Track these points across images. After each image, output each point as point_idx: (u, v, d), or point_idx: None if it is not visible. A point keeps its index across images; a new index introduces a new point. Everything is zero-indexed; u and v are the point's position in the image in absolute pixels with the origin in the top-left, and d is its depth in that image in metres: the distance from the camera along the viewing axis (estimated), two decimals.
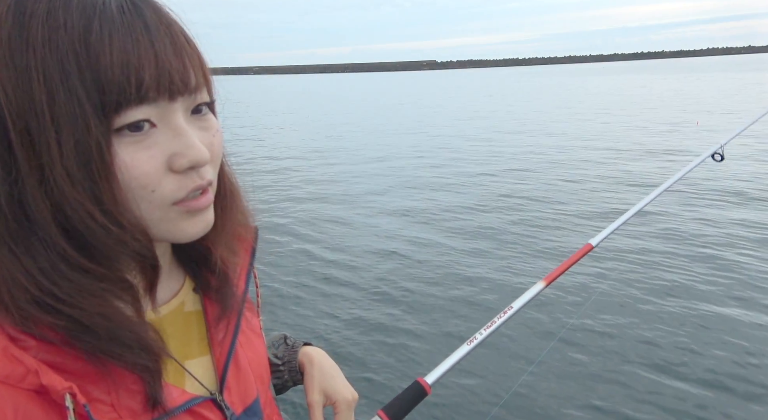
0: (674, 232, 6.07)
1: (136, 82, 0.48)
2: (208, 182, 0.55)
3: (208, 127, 0.56)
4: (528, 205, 7.62)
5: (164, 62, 0.50)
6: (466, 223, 6.95)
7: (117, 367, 0.52)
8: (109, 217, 0.49)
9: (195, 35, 0.57)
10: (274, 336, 0.96)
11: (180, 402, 0.58)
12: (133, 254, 0.52)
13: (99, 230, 0.49)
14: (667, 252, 5.52)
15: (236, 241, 0.68)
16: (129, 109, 0.49)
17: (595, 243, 1.34)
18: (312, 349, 0.94)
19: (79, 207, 0.48)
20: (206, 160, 0.53)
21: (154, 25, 0.51)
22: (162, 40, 0.50)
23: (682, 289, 4.72)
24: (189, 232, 0.55)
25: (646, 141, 12.45)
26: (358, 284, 5.23)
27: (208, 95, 0.57)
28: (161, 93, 0.50)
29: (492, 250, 5.95)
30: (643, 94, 29.22)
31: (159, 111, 0.51)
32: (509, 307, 1.31)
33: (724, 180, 7.98)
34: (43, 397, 0.48)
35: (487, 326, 1.24)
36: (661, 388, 3.39)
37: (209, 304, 0.67)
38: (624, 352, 3.79)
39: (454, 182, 9.37)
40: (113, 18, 0.48)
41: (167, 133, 0.52)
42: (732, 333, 3.98)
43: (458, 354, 1.18)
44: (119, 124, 0.49)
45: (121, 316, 0.51)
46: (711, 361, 3.64)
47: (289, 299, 4.90)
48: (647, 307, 4.43)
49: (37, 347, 0.49)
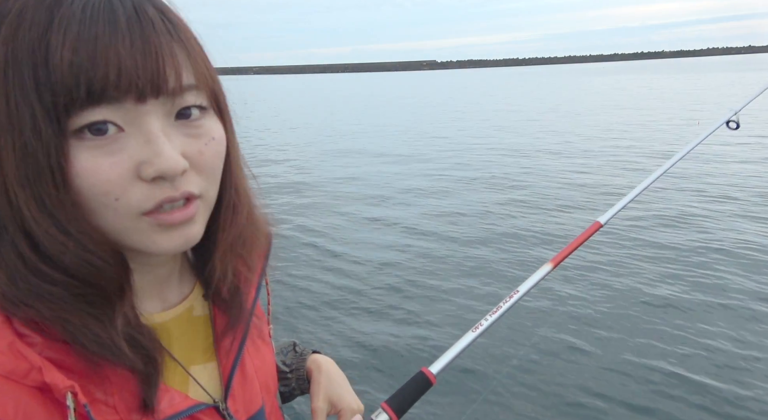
0: (690, 206, 6.00)
1: (86, 83, 0.45)
2: (184, 193, 0.51)
3: (200, 134, 0.52)
4: (532, 188, 7.57)
5: (127, 61, 0.47)
6: (469, 207, 6.91)
7: (112, 367, 0.51)
8: (54, 223, 0.47)
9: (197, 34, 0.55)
10: (283, 343, 0.95)
11: (181, 408, 0.57)
12: (79, 263, 0.49)
13: (43, 235, 0.47)
14: (681, 227, 5.45)
15: (249, 250, 0.66)
16: (82, 111, 0.46)
17: (604, 220, 1.27)
18: (321, 357, 0.93)
19: (28, 211, 0.47)
20: (176, 171, 0.49)
21: (126, 21, 0.47)
22: (129, 38, 0.47)
23: (696, 267, 4.67)
24: (164, 246, 0.52)
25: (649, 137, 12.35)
26: (359, 272, 5.20)
27: (205, 98, 0.53)
28: (124, 94, 0.47)
29: (496, 233, 5.90)
30: (648, 93, 28.95)
31: (125, 114, 0.48)
32: (515, 291, 1.26)
33: (740, 148, 7.82)
34: (44, 395, 0.48)
35: (493, 312, 1.19)
36: (664, 370, 3.35)
37: (218, 312, 0.66)
38: (634, 333, 3.75)
39: (456, 169, 9.33)
40: (74, 14, 0.46)
41: (137, 138, 0.48)
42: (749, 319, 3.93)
43: (463, 342, 1.13)
44: (74, 126, 0.46)
45: (83, 320, 0.49)
46: (716, 350, 3.60)
47: (290, 286, 4.87)
48: (662, 290, 4.37)
49: (43, 344, 0.49)
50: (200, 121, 0.53)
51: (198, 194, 0.52)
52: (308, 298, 4.74)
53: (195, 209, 0.52)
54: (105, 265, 0.50)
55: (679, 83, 38.86)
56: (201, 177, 0.53)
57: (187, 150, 0.51)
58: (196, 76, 0.52)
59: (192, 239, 0.54)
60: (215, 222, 0.58)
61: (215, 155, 0.54)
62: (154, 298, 0.60)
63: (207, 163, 0.53)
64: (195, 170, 0.52)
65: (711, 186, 6.79)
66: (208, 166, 0.53)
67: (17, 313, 0.48)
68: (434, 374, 1.09)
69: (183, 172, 0.50)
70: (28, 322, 0.49)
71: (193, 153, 0.51)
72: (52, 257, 0.48)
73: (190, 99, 0.51)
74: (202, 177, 0.53)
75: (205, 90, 0.53)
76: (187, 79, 0.51)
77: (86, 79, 0.45)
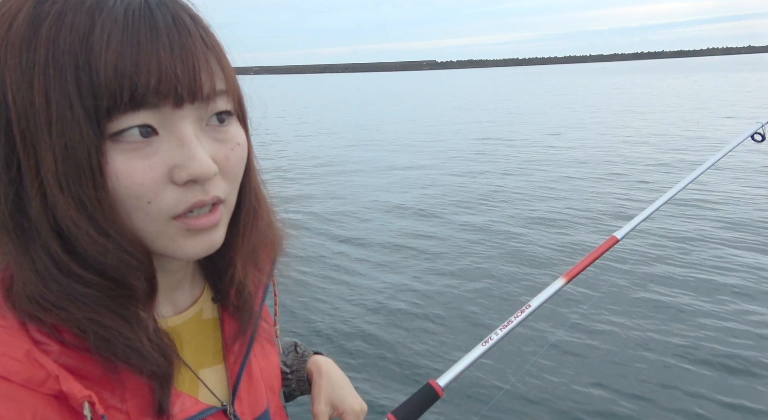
0: (711, 221, 5.89)
1: (130, 88, 0.46)
2: (214, 198, 0.52)
3: (226, 139, 0.53)
4: (548, 200, 7.51)
5: (167, 67, 0.48)
6: (484, 218, 6.87)
7: (130, 373, 0.52)
8: (94, 225, 0.48)
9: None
10: (285, 343, 0.95)
11: (193, 412, 0.58)
12: (118, 264, 0.49)
13: (83, 237, 0.48)
14: (701, 242, 5.35)
15: (262, 255, 0.66)
16: (123, 115, 0.47)
17: (620, 236, 1.25)
18: (321, 358, 0.93)
19: (66, 212, 0.47)
20: (209, 175, 0.50)
21: (166, 28, 0.49)
22: (169, 44, 0.48)
23: (714, 284, 4.59)
24: (188, 251, 0.53)
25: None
26: (370, 279, 5.18)
27: (231, 104, 0.54)
28: (163, 99, 0.48)
29: (510, 245, 5.85)
30: (653, 93, 28.67)
31: (162, 118, 0.49)
32: (527, 305, 1.24)
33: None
34: (61, 403, 0.48)
35: (504, 326, 1.17)
36: (676, 382, 3.28)
37: (227, 316, 0.66)
38: (645, 345, 3.68)
39: (471, 177, 9.30)
40: (117, 20, 0.47)
41: (171, 142, 0.49)
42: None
43: (472, 355, 1.11)
44: (113, 129, 0.47)
45: (114, 322, 0.50)
46: (729, 356, 3.52)
47: (299, 295, 4.86)
48: (680, 303, 4.30)
49: (59, 352, 0.49)
50: (227, 126, 0.54)
51: (223, 199, 0.53)
52: (314, 303, 4.73)
53: (220, 215, 0.53)
54: (141, 267, 0.51)
55: (680, 83, 38.04)
56: (226, 182, 0.53)
57: (215, 155, 0.52)
58: (227, 82, 0.53)
59: (215, 244, 0.54)
60: (235, 227, 0.59)
61: (239, 161, 0.55)
62: (166, 303, 0.61)
63: (232, 169, 0.54)
64: (221, 175, 0.53)
65: (734, 200, 6.66)
66: (233, 172, 0.54)
67: (46, 317, 0.48)
68: (442, 387, 1.07)
69: (214, 176, 0.51)
70: (50, 328, 0.49)
71: (221, 158, 0.52)
72: (86, 259, 0.48)
73: (221, 105, 0.53)
74: (226, 182, 0.54)
75: (232, 96, 0.54)
76: (220, 86, 0.52)
77: (130, 83, 0.46)
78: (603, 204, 7.27)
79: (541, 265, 5.29)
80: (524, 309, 1.24)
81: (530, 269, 5.23)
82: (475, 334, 4.05)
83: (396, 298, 4.78)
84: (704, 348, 3.70)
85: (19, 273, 0.48)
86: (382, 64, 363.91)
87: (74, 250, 0.48)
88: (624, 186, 8.22)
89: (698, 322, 4.05)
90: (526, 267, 5.28)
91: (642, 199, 7.20)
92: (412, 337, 4.09)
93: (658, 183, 8.11)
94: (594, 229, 6.29)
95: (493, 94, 37.08)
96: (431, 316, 4.40)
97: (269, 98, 15.43)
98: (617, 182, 8.47)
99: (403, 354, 3.85)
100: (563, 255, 5.50)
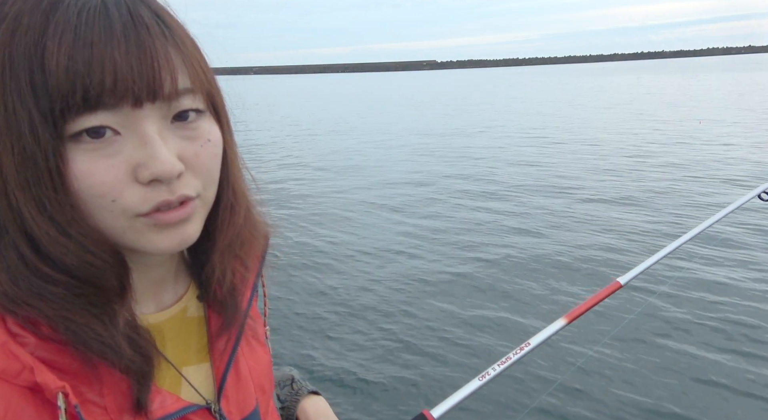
0: (712, 275, 5.84)
1: (82, 89, 0.46)
2: (181, 197, 0.51)
3: (195, 136, 0.53)
4: (556, 236, 7.47)
5: (122, 67, 0.47)
6: (490, 250, 6.84)
7: (110, 368, 0.51)
8: (54, 225, 0.48)
9: (194, 35, 0.55)
10: (284, 374, 0.94)
11: (173, 409, 0.57)
12: (80, 264, 0.49)
13: (45, 238, 0.48)
14: (701, 297, 5.30)
15: (247, 251, 0.66)
16: (79, 116, 0.47)
17: (624, 282, 1.26)
18: (312, 405, 0.91)
19: (27, 213, 0.47)
20: (172, 174, 0.50)
21: (121, 26, 0.48)
22: (125, 43, 0.47)
23: (715, 338, 4.52)
24: (159, 245, 0.52)
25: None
26: (366, 306, 5.15)
27: (201, 101, 0.54)
28: (121, 99, 0.47)
29: (514, 281, 5.82)
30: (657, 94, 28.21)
31: (122, 118, 0.48)
32: (527, 344, 1.25)
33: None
34: (36, 395, 0.48)
35: (502, 362, 1.18)
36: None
37: (213, 313, 0.66)
38: (647, 397, 3.62)
39: (475, 203, 9.27)
40: (70, 20, 0.47)
41: (134, 141, 0.49)
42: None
43: (468, 388, 1.11)
44: (71, 131, 0.47)
45: (85, 319, 0.50)
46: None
47: (291, 320, 4.84)
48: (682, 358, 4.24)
49: (36, 344, 0.49)
50: (196, 123, 0.53)
51: (194, 196, 0.53)
52: (306, 329, 4.70)
53: (192, 209, 0.53)
54: (105, 266, 0.51)
55: (681, 83, 36.58)
56: (198, 179, 0.53)
57: (183, 152, 0.51)
58: (192, 79, 0.52)
59: (188, 239, 0.54)
60: (213, 222, 0.59)
61: (211, 157, 0.54)
62: (149, 299, 0.60)
63: (203, 165, 0.53)
64: (192, 172, 0.52)
65: (740, 253, 6.61)
66: (205, 168, 0.54)
67: (19, 312, 0.49)
68: (435, 418, 1.07)
69: (179, 175, 0.50)
70: (26, 321, 0.49)
71: (189, 155, 0.52)
72: (53, 258, 0.49)
73: (186, 102, 0.52)
74: (199, 179, 0.53)
75: (201, 92, 0.54)
76: (183, 83, 0.51)
77: (82, 85, 0.46)
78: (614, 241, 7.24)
79: (544, 305, 5.25)
80: (523, 346, 1.24)
81: (533, 307, 5.19)
82: (472, 367, 4.01)
83: (391, 324, 4.75)
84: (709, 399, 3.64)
85: None
86: (382, 64, 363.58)
87: (42, 250, 0.49)
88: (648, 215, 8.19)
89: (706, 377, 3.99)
90: (529, 304, 5.24)
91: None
92: (406, 366, 4.05)
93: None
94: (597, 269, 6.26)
95: (496, 101, 36.97)
96: (427, 346, 4.37)
97: (270, 98, 15.04)
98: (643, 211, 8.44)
99: (397, 382, 3.82)
100: (565, 295, 5.46)
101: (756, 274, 5.95)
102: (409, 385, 3.78)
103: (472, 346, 4.38)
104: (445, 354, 4.24)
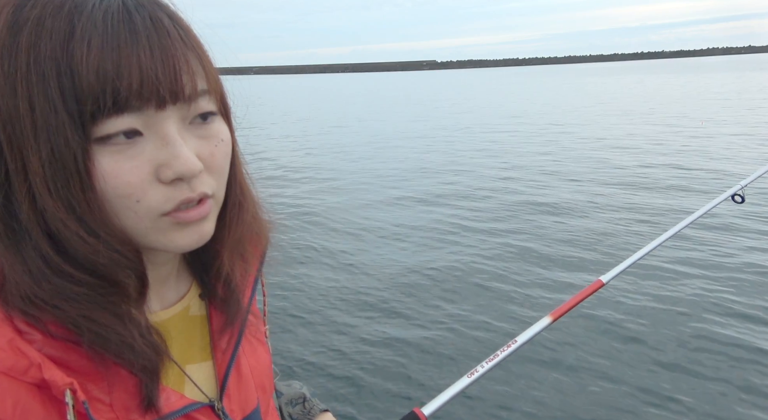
0: (689, 273, 5.97)
1: (113, 92, 0.47)
2: (200, 195, 0.53)
3: (210, 136, 0.55)
4: (541, 236, 7.55)
5: (149, 70, 0.48)
6: (475, 251, 6.90)
7: (117, 366, 0.52)
8: (83, 226, 0.49)
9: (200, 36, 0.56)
10: (295, 392, 0.94)
11: (177, 407, 0.58)
12: (109, 263, 0.50)
13: (73, 238, 0.49)
14: (680, 293, 5.42)
15: (249, 250, 0.67)
16: (108, 119, 0.48)
17: (605, 280, 1.30)
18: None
19: (55, 215, 0.48)
20: (194, 172, 0.51)
21: (145, 30, 0.49)
22: (149, 47, 0.49)
23: (695, 333, 4.62)
24: (180, 243, 0.54)
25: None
26: (353, 307, 5.17)
27: (214, 102, 0.55)
28: (146, 102, 0.49)
29: (500, 279, 5.88)
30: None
31: (146, 120, 0.50)
32: (513, 341, 1.28)
33: (745, 221, 7.77)
34: (43, 392, 0.48)
35: (489, 359, 1.21)
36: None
37: (214, 312, 0.67)
38: (631, 395, 3.70)
39: (463, 202, 9.32)
40: (96, 24, 0.47)
41: (155, 142, 0.50)
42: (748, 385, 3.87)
43: (458, 386, 1.15)
44: (99, 133, 0.48)
45: (108, 319, 0.51)
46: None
47: (285, 317, 4.85)
48: (660, 352, 4.32)
49: (43, 341, 0.49)
50: (211, 123, 0.55)
51: (211, 194, 0.55)
52: (299, 325, 4.72)
53: (209, 207, 0.55)
54: (132, 264, 0.52)
55: (682, 83, 36.49)
56: (213, 178, 0.55)
57: (200, 152, 0.53)
58: (208, 81, 0.54)
59: (205, 236, 0.55)
60: (221, 220, 0.60)
61: (224, 156, 0.56)
62: (154, 297, 0.61)
63: (217, 164, 0.55)
64: (207, 171, 0.54)
65: (716, 253, 6.76)
66: (219, 167, 0.55)
67: (41, 315, 0.49)
68: (426, 416, 1.10)
69: (200, 173, 0.52)
70: (35, 319, 0.49)
71: (206, 155, 0.53)
72: (77, 258, 0.49)
73: (203, 104, 0.54)
74: (213, 177, 0.55)
75: (215, 94, 0.55)
76: (201, 85, 0.53)
77: (112, 87, 0.47)
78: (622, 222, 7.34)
79: (530, 303, 5.32)
80: (510, 344, 1.28)
81: (518, 306, 5.25)
82: (461, 365, 4.06)
83: (379, 324, 4.78)
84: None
85: (11, 273, 0.49)
86: (382, 64, 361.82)
87: (65, 251, 0.49)
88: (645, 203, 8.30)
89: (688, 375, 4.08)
90: (514, 303, 5.31)
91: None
92: (396, 364, 4.09)
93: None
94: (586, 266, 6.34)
95: (497, 98, 37.15)
96: (416, 345, 4.41)
97: (269, 98, 14.84)
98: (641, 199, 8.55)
99: (388, 380, 3.85)
100: (551, 292, 5.54)
101: (727, 273, 6.10)
102: (400, 384, 3.81)
103: (460, 345, 4.42)
104: (434, 353, 4.28)
